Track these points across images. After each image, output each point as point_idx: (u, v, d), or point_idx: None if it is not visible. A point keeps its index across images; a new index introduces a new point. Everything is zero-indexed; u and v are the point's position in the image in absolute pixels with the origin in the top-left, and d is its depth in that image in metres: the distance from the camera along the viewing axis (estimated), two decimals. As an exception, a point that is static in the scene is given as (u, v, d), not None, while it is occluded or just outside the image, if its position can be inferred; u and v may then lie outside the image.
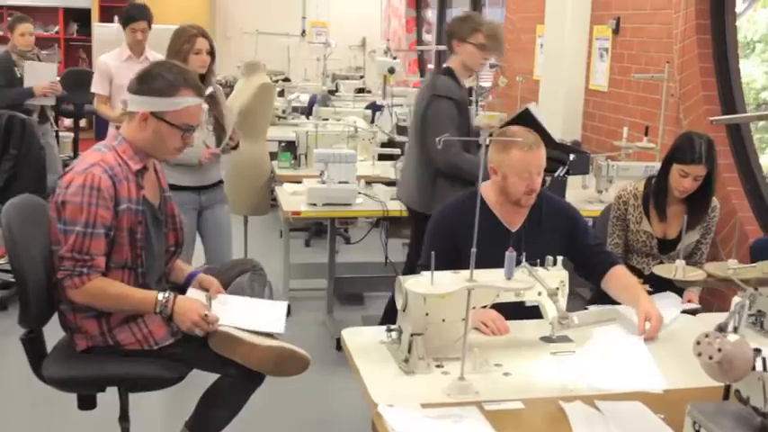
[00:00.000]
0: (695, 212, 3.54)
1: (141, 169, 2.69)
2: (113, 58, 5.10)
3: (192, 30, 4.09)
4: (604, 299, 3.29)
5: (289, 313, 5.07)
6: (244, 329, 2.65)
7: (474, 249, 2.16)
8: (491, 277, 2.28)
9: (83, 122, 9.84)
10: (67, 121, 10.06)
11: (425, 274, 2.28)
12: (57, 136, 7.45)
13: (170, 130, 2.65)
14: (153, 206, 2.75)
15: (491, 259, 2.38)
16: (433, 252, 2.31)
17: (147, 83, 2.64)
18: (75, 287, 2.56)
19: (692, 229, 3.56)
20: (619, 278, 2.99)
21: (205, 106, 3.89)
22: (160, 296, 2.63)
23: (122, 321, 2.64)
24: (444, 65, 4.29)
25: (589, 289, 4.20)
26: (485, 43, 4.16)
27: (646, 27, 5.67)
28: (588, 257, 3.06)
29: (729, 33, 4.94)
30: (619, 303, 2.98)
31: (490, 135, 2.80)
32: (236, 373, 2.66)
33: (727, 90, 4.92)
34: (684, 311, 3.14)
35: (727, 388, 1.95)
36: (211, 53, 4.10)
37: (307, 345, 4.64)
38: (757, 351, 2.62)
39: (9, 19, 6.78)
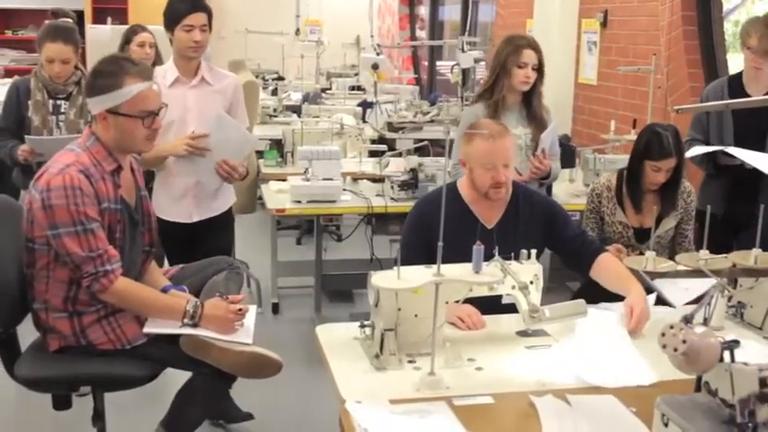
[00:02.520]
0: (668, 200, 3.54)
1: (116, 169, 2.68)
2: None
3: (522, 40, 3.82)
4: (592, 292, 3.24)
5: (277, 311, 5.14)
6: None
7: (441, 243, 2.13)
8: (460, 271, 2.25)
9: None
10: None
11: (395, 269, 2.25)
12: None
13: (130, 122, 2.63)
14: (129, 206, 2.74)
15: (467, 257, 2.34)
16: (401, 246, 2.29)
17: (93, 84, 2.65)
18: (105, 288, 2.56)
19: (667, 216, 3.56)
20: (608, 268, 2.94)
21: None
22: (188, 306, 2.63)
23: (95, 321, 2.62)
24: None
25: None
26: (752, 45, 3.81)
27: (633, 19, 5.66)
28: (572, 248, 3.03)
29: (716, 24, 4.93)
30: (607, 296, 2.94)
31: None
32: (209, 372, 2.64)
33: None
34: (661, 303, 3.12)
35: (699, 380, 1.93)
36: (539, 69, 3.78)
37: (294, 342, 4.71)
38: (735, 342, 2.60)
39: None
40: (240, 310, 2.69)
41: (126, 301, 2.62)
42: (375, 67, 5.78)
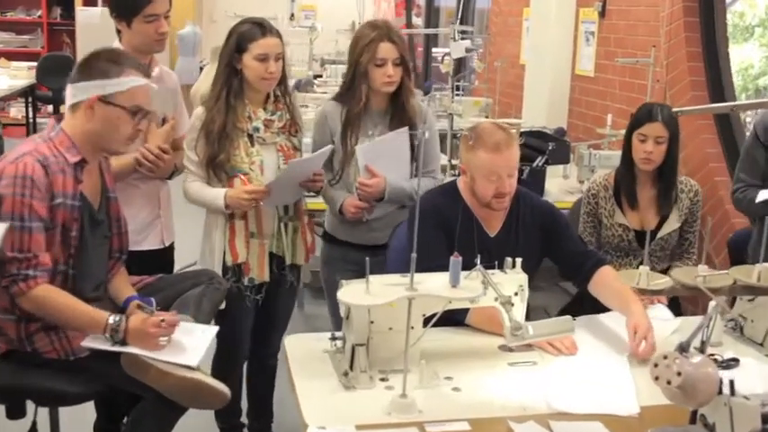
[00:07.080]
0: (665, 189, 3.35)
1: (80, 162, 2.49)
2: None
3: (375, 31, 3.11)
4: (590, 300, 3.05)
5: (259, 307, 4.96)
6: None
7: (414, 255, 1.95)
8: (435, 285, 2.06)
9: (63, 108, 9.66)
10: (49, 108, 9.95)
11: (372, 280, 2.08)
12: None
13: (121, 114, 2.46)
14: (91, 205, 2.55)
15: (470, 266, 2.17)
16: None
17: (87, 68, 2.48)
18: (22, 292, 2.36)
19: (667, 209, 3.36)
20: (607, 284, 2.70)
21: None
22: (111, 319, 2.38)
23: (41, 328, 2.44)
24: None
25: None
26: None
27: (632, 9, 5.49)
28: (571, 259, 2.79)
29: (718, 16, 4.74)
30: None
31: None
32: (156, 396, 2.40)
33: (716, 75, 4.73)
34: None
35: (695, 412, 1.76)
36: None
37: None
38: (734, 361, 2.42)
39: None
40: (163, 321, 2.40)
41: (43, 309, 2.39)
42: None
